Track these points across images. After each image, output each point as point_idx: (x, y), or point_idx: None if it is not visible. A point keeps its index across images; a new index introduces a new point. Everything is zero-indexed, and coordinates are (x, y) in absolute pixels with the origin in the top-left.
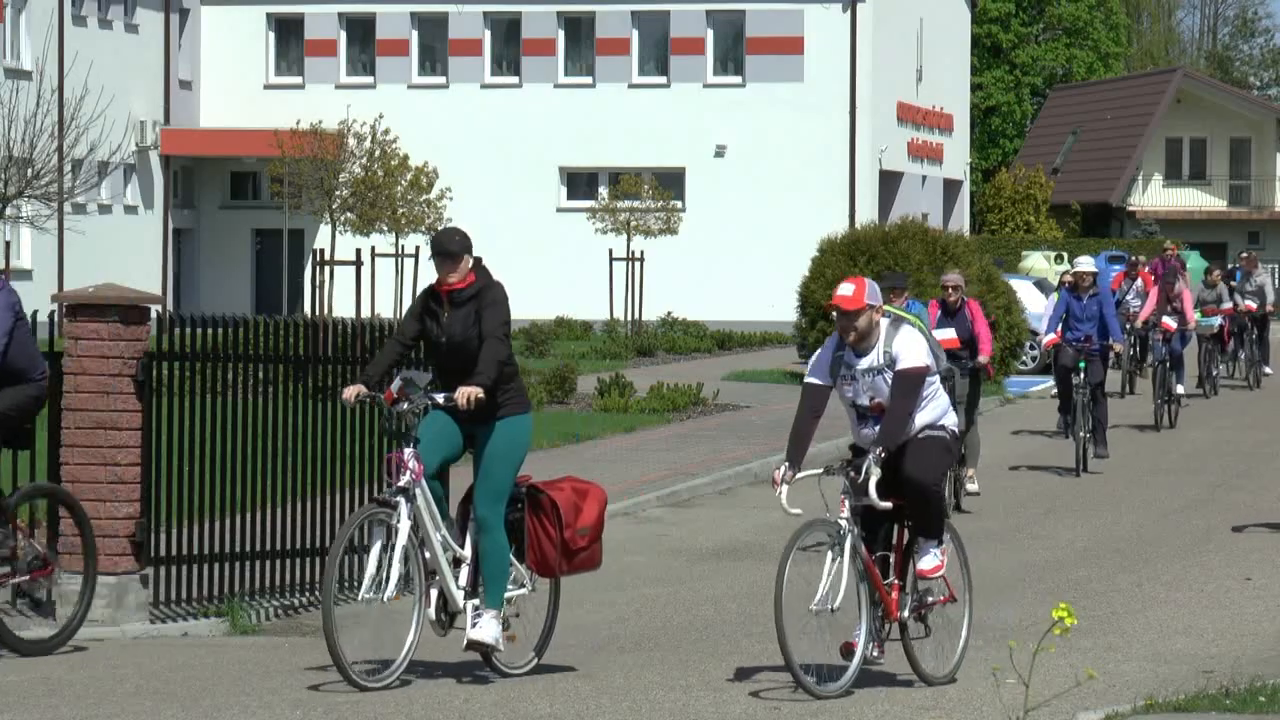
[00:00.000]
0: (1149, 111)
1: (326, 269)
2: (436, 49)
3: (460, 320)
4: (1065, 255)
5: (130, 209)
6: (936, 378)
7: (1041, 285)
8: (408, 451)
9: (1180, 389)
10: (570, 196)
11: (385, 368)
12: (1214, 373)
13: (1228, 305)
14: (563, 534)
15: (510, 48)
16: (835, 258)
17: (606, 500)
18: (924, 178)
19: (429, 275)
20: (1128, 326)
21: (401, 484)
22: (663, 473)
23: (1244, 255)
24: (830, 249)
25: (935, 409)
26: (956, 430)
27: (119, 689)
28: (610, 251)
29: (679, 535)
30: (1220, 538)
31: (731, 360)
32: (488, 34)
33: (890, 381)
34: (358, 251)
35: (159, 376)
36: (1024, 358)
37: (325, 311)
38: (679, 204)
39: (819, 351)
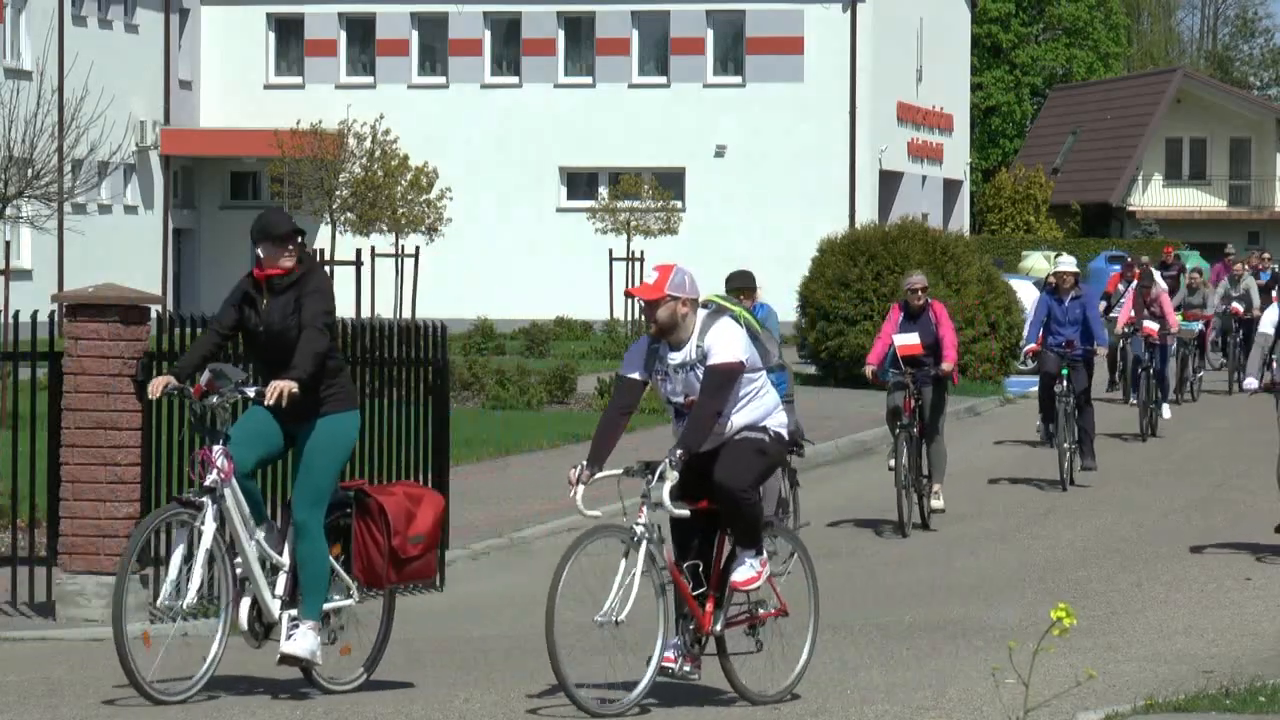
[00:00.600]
0: (1149, 111)
1: (326, 269)
2: (436, 49)
3: (279, 309)
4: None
5: (130, 209)
6: (761, 374)
7: (1042, 285)
8: (216, 449)
9: (1167, 412)
10: (570, 196)
11: (198, 359)
12: (1193, 378)
13: (1210, 311)
14: (391, 541)
15: (510, 48)
16: (835, 258)
17: (444, 507)
18: (924, 178)
19: (429, 275)
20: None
21: (207, 483)
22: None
23: (1229, 256)
24: (830, 249)
25: (757, 409)
26: (784, 432)
27: (120, 690)
28: (610, 251)
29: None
30: (1220, 538)
31: None
32: (488, 34)
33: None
34: (358, 251)
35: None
36: (1024, 358)
37: None
38: (679, 204)
39: (633, 344)
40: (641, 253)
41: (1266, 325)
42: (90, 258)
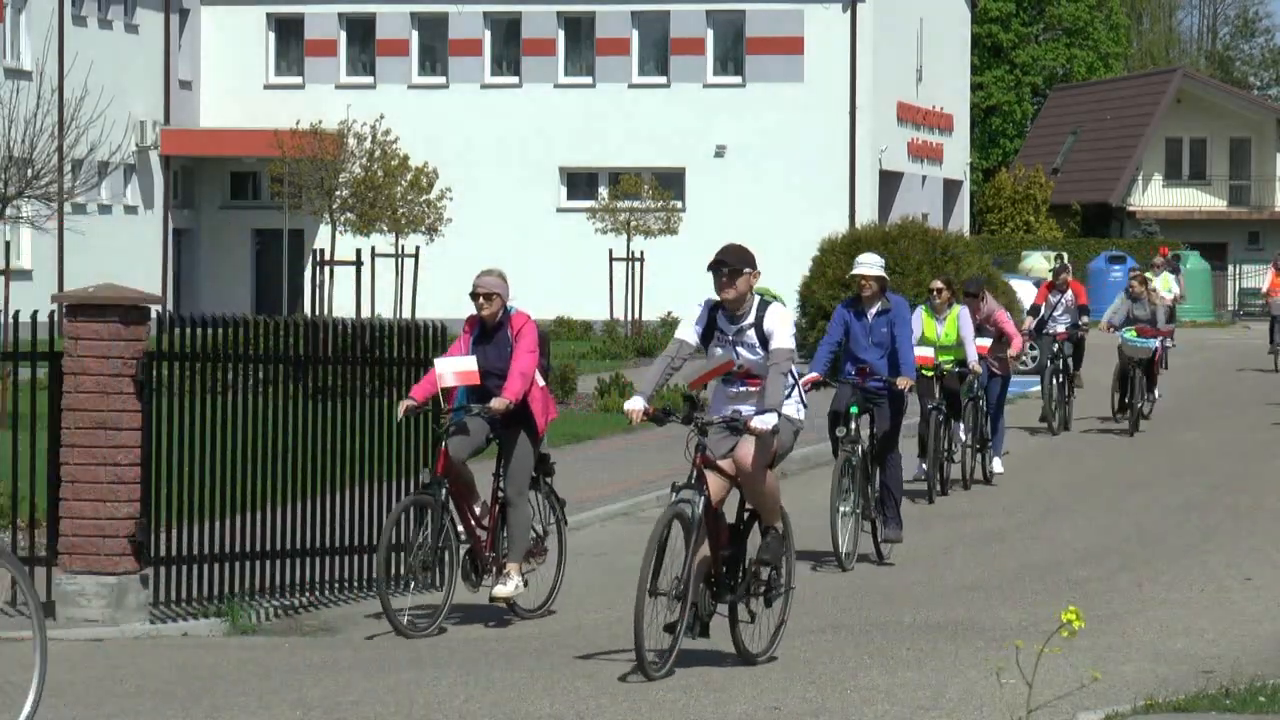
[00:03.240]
0: (1149, 111)
1: (326, 269)
2: (436, 49)
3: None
4: (1065, 255)
5: (130, 209)
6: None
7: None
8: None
9: (998, 465)
10: (570, 196)
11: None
12: (1139, 404)
13: (1167, 325)
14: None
15: (510, 48)
16: (835, 258)
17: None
18: (924, 178)
19: (429, 275)
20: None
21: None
22: (663, 473)
23: (1135, 272)
24: (830, 249)
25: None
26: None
27: (119, 689)
28: (610, 251)
29: (678, 535)
30: (1220, 538)
31: None
32: (488, 34)
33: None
34: (358, 252)
35: (159, 376)
36: (1024, 358)
37: (325, 312)
38: (679, 204)
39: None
40: (641, 253)
41: None
42: (90, 258)
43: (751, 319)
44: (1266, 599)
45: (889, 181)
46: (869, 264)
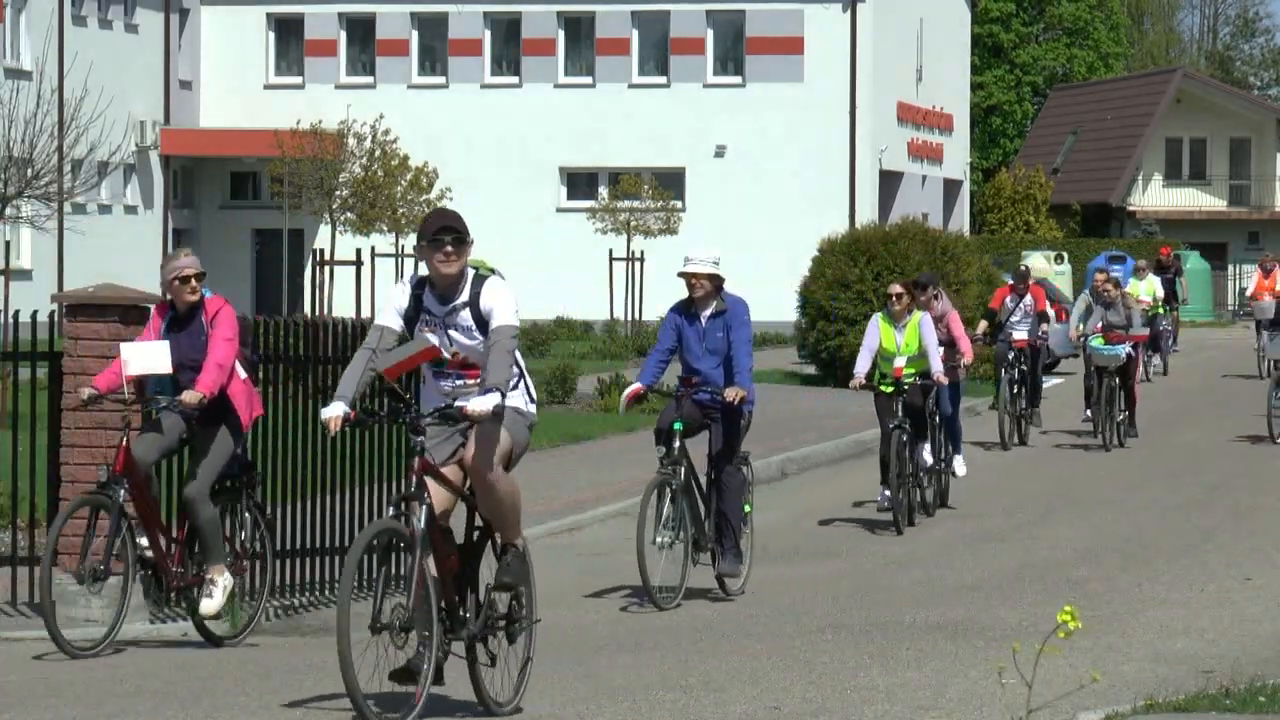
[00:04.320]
0: (1149, 111)
1: (326, 269)
2: (436, 49)
3: None
4: (1065, 255)
5: (130, 209)
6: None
7: (1042, 286)
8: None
9: (928, 456)
10: (570, 196)
11: None
12: (1117, 416)
13: (1140, 331)
14: None
15: (510, 48)
16: (835, 258)
17: None
18: (924, 178)
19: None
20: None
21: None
22: None
23: (1100, 274)
24: (830, 249)
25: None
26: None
27: (119, 689)
28: (610, 251)
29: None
30: (1220, 538)
31: None
32: (488, 34)
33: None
34: (358, 251)
35: None
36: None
37: (325, 311)
38: (679, 204)
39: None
40: (641, 253)
41: None
42: (90, 258)
43: (465, 297)
44: (1266, 599)
45: (889, 181)
46: (700, 260)
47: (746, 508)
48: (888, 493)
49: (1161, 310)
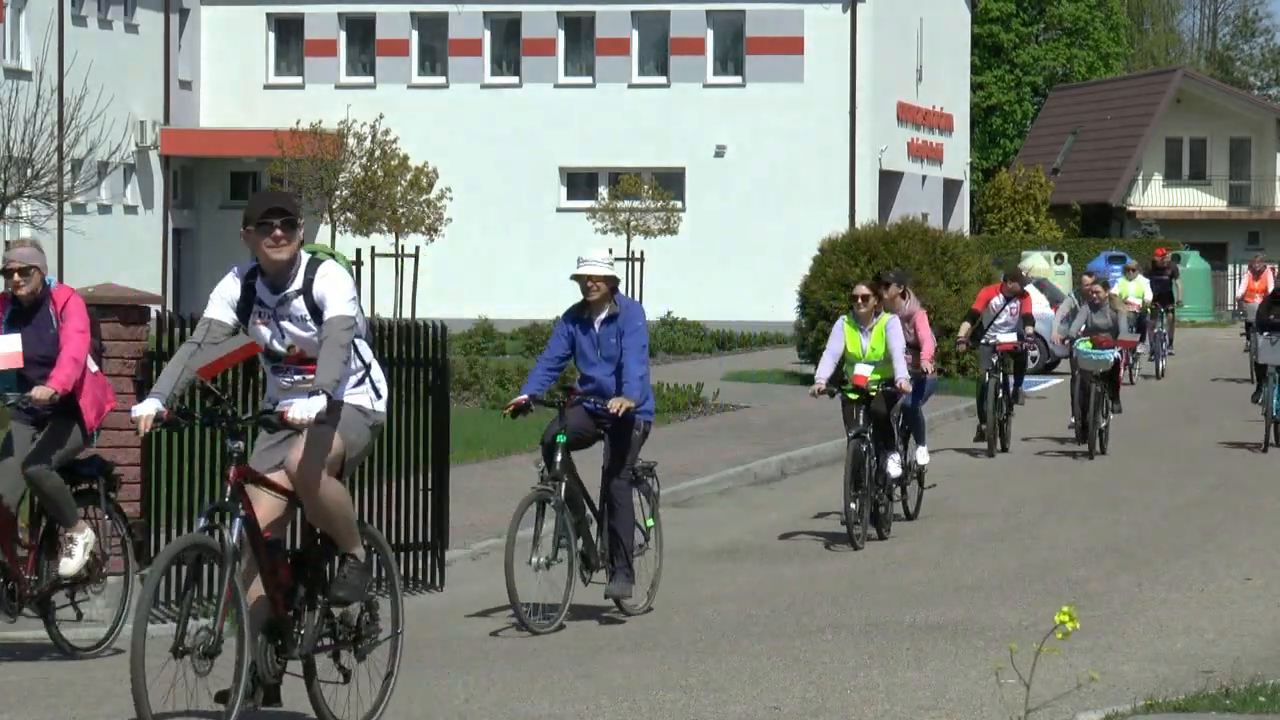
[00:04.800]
0: (1149, 111)
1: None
2: (436, 49)
3: None
4: (1065, 255)
5: (130, 209)
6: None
7: (1042, 286)
8: None
9: (895, 468)
10: (570, 196)
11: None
12: (1102, 424)
13: (1130, 336)
14: None
15: (510, 48)
16: (835, 258)
17: None
18: (924, 178)
19: (429, 275)
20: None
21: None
22: (662, 473)
23: (1087, 276)
24: (830, 249)
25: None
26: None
27: (119, 689)
28: (610, 251)
29: (679, 535)
30: (1220, 538)
31: (731, 360)
32: (488, 34)
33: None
34: (358, 251)
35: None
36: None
37: None
38: (679, 204)
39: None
40: (641, 253)
41: None
42: (90, 258)
43: (298, 285)
44: (1266, 599)
45: (889, 181)
46: (595, 261)
47: (649, 522)
48: (852, 505)
49: (1150, 311)
